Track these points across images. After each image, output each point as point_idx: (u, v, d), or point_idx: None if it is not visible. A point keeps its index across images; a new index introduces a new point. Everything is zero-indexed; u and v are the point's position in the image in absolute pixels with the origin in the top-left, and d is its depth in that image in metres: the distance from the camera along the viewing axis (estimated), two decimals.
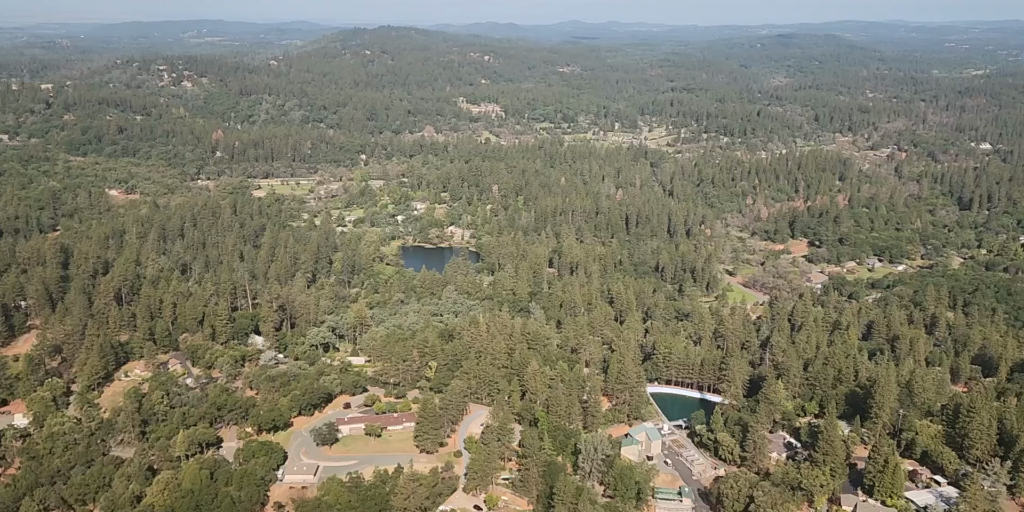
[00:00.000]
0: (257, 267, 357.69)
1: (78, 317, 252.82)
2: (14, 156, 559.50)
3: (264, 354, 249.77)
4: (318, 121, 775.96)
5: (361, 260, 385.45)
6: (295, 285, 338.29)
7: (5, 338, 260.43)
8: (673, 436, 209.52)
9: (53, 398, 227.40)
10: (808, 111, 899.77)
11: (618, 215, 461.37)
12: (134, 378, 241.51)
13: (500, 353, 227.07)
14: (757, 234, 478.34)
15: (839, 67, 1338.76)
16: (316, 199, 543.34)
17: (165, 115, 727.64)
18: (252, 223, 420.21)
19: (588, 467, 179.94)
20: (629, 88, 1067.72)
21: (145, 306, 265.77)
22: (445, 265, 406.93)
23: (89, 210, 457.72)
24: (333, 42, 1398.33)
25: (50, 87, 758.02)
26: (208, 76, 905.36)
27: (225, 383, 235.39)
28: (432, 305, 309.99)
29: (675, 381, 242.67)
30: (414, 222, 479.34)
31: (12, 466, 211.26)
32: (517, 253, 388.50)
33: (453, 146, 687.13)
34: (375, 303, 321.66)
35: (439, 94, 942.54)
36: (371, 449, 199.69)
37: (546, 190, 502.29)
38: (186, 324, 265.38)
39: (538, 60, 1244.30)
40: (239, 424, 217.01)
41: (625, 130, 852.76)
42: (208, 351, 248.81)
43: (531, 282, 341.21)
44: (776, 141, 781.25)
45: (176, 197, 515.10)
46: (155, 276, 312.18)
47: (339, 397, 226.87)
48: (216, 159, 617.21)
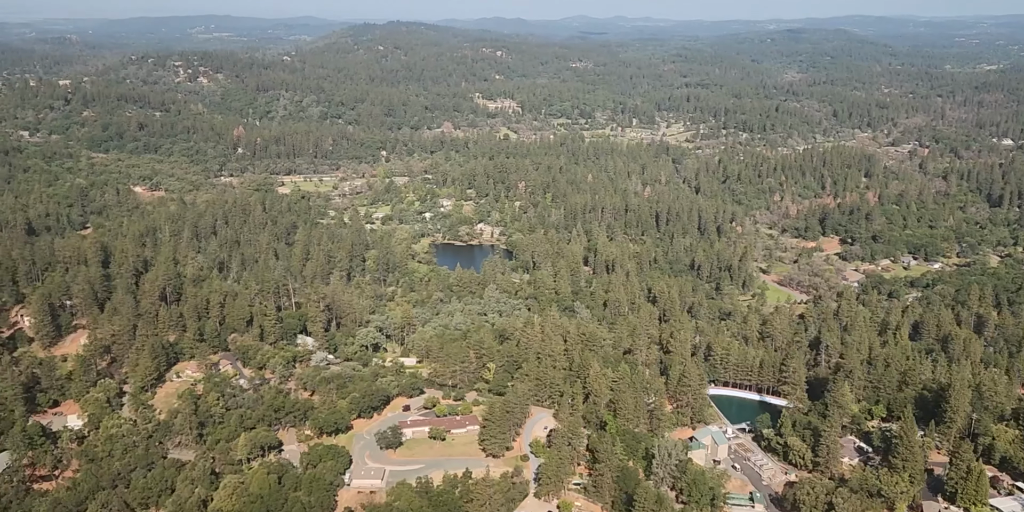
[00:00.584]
0: (292, 265, 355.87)
1: (127, 317, 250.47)
2: (37, 153, 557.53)
3: (315, 355, 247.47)
4: (336, 117, 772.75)
5: (395, 258, 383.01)
6: (333, 284, 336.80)
7: (52, 338, 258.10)
8: (738, 440, 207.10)
9: (107, 399, 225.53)
10: (826, 107, 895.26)
11: (647, 212, 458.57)
12: (186, 379, 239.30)
13: (559, 355, 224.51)
14: (788, 231, 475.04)
15: (851, 62, 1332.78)
16: (341, 196, 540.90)
17: (184, 111, 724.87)
18: (283, 220, 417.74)
19: (662, 472, 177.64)
20: (643, 84, 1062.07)
21: (192, 306, 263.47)
22: (480, 263, 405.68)
23: (117, 207, 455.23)
24: (343, 37, 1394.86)
25: (68, 83, 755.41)
26: (223, 72, 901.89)
27: (278, 384, 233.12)
28: (475, 304, 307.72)
29: (732, 383, 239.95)
30: (442, 219, 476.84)
31: (69, 468, 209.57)
32: (552, 251, 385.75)
33: (473, 142, 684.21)
34: (414, 302, 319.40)
35: (454, 90, 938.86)
36: (436, 453, 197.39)
37: (574, 187, 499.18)
38: (234, 324, 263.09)
39: (550, 56, 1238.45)
40: (297, 427, 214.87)
41: (643, 126, 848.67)
42: (259, 352, 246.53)
43: (570, 281, 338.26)
44: (796, 137, 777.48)
45: (202, 194, 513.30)
46: (195, 275, 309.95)
47: (396, 399, 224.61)
48: (238, 156, 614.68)
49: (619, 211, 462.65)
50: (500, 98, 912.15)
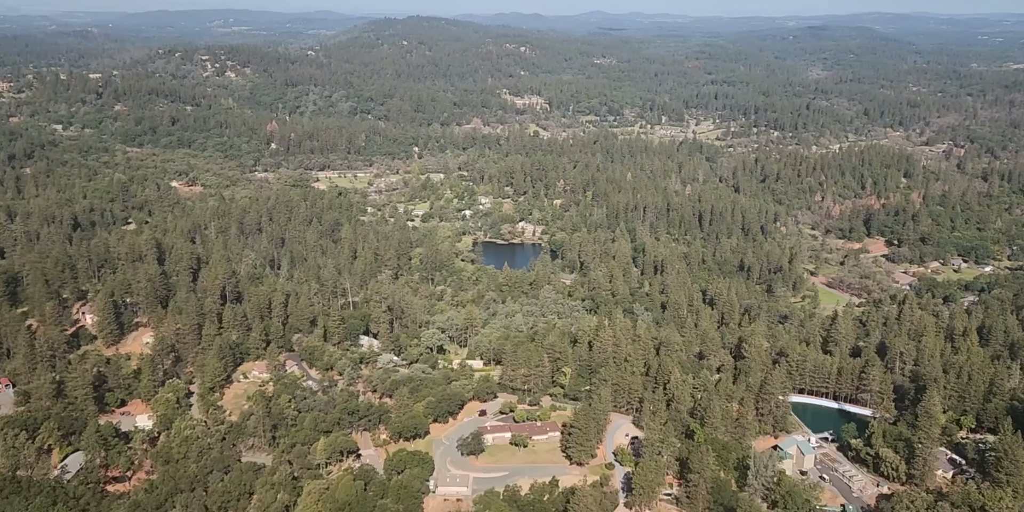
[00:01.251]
0: (340, 263, 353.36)
1: (191, 316, 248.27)
2: (73, 147, 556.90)
3: (381, 357, 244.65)
4: (365, 113, 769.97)
5: (441, 256, 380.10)
6: (383, 282, 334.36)
7: (116, 336, 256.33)
8: (822, 449, 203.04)
9: (176, 400, 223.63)
10: (856, 105, 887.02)
11: (690, 212, 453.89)
12: (253, 380, 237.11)
13: (637, 360, 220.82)
14: (831, 232, 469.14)
15: (876, 60, 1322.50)
16: (377, 192, 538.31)
17: (214, 106, 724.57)
18: (327, 217, 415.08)
19: (757, 484, 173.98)
20: (669, 81, 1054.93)
21: (255, 305, 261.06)
22: (523, 261, 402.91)
23: (158, 203, 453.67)
24: (366, 32, 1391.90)
25: (99, 77, 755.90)
26: (251, 66, 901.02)
27: (347, 387, 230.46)
28: (532, 305, 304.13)
29: (805, 389, 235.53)
30: (483, 217, 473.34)
31: (142, 469, 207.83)
32: (600, 251, 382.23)
33: (505, 139, 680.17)
34: (466, 302, 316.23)
35: (481, 86, 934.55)
36: (519, 460, 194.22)
37: (614, 186, 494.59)
38: (298, 324, 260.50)
39: (574, 52, 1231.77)
40: (371, 430, 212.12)
41: (672, 123, 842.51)
42: (325, 353, 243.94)
43: (623, 282, 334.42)
44: (828, 135, 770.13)
45: (239, 190, 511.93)
46: (249, 273, 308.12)
47: (469, 403, 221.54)
48: (271, 151, 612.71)
49: (661, 210, 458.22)
50: (527, 94, 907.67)
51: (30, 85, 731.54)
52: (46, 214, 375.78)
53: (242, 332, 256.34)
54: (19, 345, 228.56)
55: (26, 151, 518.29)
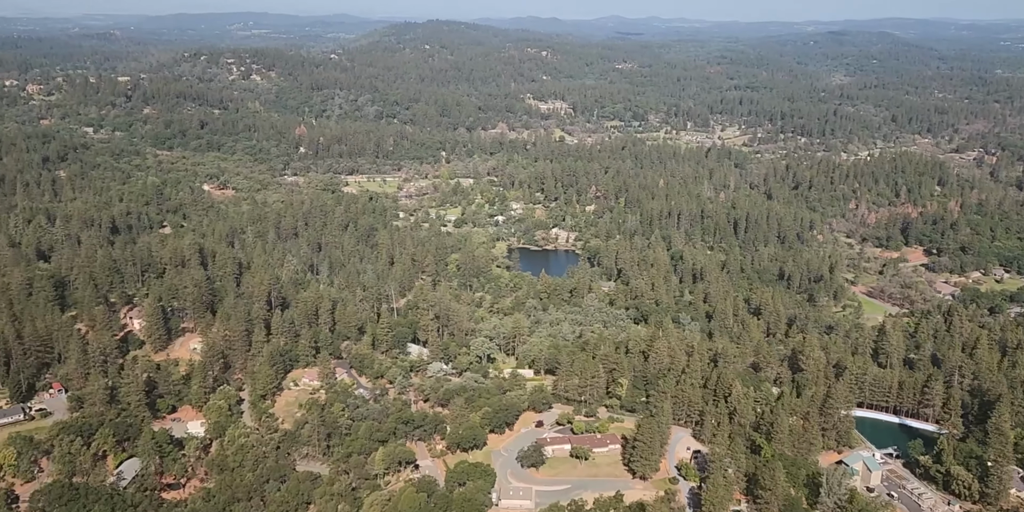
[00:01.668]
0: (378, 269, 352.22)
1: (240, 322, 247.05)
2: (105, 150, 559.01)
3: (431, 365, 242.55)
4: (391, 117, 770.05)
5: (479, 263, 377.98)
6: (425, 289, 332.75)
7: (164, 342, 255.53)
8: (888, 466, 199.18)
9: (228, 407, 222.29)
10: (882, 111, 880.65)
11: (725, 219, 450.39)
12: (304, 387, 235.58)
13: (695, 372, 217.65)
14: (868, 240, 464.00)
15: (899, 66, 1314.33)
16: (407, 197, 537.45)
17: (241, 109, 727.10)
18: (362, 222, 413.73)
19: (830, 501, 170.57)
20: (692, 86, 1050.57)
21: (303, 312, 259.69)
22: (557, 268, 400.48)
23: (193, 206, 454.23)
24: (387, 36, 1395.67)
25: (127, 80, 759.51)
26: (276, 70, 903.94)
27: (398, 396, 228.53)
28: (575, 313, 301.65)
29: (865, 403, 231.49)
30: (515, 223, 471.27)
31: (196, 477, 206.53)
32: (638, 258, 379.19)
33: (532, 144, 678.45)
34: (506, 309, 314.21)
35: (504, 90, 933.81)
36: (580, 473, 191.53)
37: (647, 192, 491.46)
38: (346, 331, 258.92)
39: (594, 56, 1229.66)
40: (426, 440, 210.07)
41: (697, 129, 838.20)
42: (375, 361, 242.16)
43: (665, 290, 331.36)
44: (856, 142, 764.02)
45: (270, 193, 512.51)
46: (292, 278, 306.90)
47: (524, 414, 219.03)
48: (300, 155, 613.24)
49: (695, 217, 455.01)
50: (551, 99, 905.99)
51: (60, 88, 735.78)
52: (85, 217, 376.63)
53: (290, 339, 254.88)
54: (71, 350, 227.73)
55: (59, 154, 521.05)
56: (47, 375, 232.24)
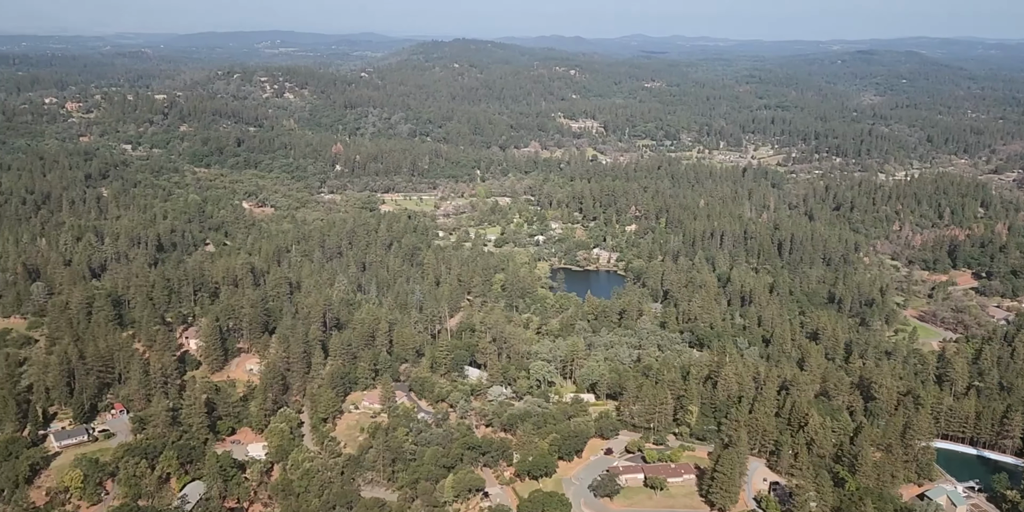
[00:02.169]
0: (424, 289, 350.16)
1: (298, 343, 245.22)
2: (145, 167, 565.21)
3: (492, 389, 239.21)
4: (424, 135, 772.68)
5: (524, 283, 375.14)
6: (475, 310, 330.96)
7: (220, 362, 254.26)
8: (971, 500, 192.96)
9: (290, 430, 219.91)
10: (917, 131, 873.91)
11: (769, 240, 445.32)
12: (365, 411, 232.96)
13: (770, 400, 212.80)
14: (914, 263, 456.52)
15: (929, 85, 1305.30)
16: (445, 216, 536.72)
17: (276, 127, 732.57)
18: (405, 241, 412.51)
19: None
20: (722, 105, 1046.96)
21: (360, 334, 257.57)
22: (599, 288, 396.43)
23: (234, 224, 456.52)
24: (415, 54, 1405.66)
25: (163, 98, 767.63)
26: (308, 88, 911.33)
27: (460, 420, 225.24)
28: (629, 336, 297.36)
29: (939, 434, 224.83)
30: (557, 243, 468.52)
31: (259, 501, 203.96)
32: (685, 280, 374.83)
33: (566, 163, 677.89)
34: (555, 331, 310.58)
35: (535, 109, 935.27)
36: (656, 503, 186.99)
37: (688, 212, 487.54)
38: (404, 353, 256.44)
39: (623, 75, 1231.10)
40: (492, 467, 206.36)
41: (730, 148, 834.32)
42: (435, 384, 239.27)
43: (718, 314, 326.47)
44: (892, 162, 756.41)
45: (309, 212, 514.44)
46: (343, 298, 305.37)
47: (591, 440, 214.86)
48: (336, 173, 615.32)
49: (738, 238, 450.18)
50: (582, 118, 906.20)
51: (98, 105, 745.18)
52: (132, 235, 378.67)
53: (347, 361, 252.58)
54: (133, 371, 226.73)
55: (101, 171, 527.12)
56: (108, 395, 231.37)
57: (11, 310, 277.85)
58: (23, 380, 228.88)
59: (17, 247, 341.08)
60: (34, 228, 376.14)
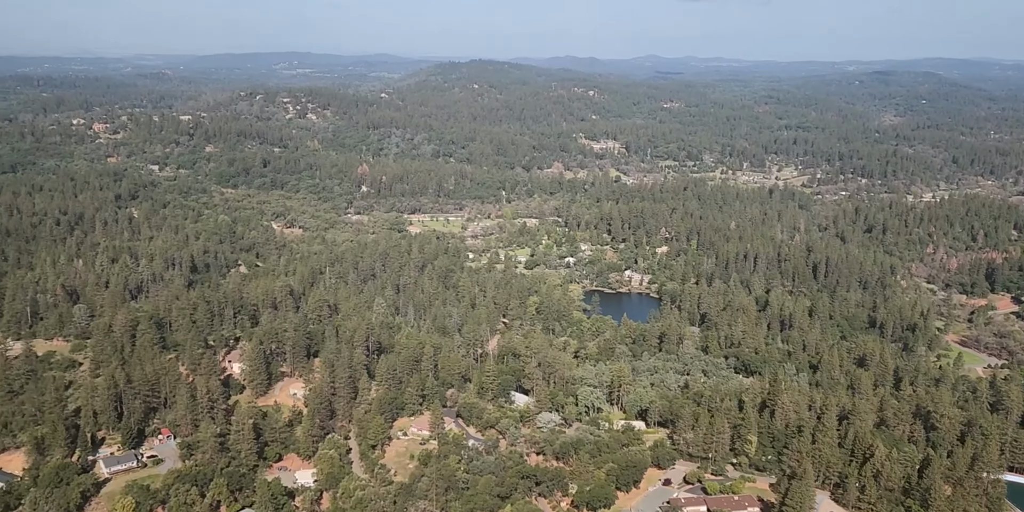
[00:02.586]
0: (460, 311, 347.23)
1: (344, 368, 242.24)
2: (174, 188, 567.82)
3: (541, 416, 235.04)
4: (448, 155, 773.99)
5: (560, 306, 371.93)
6: (510, 333, 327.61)
7: (265, 387, 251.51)
8: None
9: (339, 457, 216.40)
10: (941, 152, 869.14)
11: (803, 262, 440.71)
12: (413, 437, 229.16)
13: (831, 429, 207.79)
14: (951, 286, 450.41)
15: (949, 106, 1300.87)
16: (473, 237, 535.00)
17: (301, 148, 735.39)
18: (438, 263, 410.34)
19: None
20: (742, 125, 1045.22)
21: (406, 358, 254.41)
22: (631, 310, 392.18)
23: (265, 245, 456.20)
24: (433, 75, 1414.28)
25: (188, 119, 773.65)
26: (331, 108, 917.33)
27: (511, 447, 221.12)
28: (672, 361, 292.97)
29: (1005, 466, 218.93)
30: (588, 265, 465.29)
31: None
32: (721, 303, 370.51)
33: (591, 184, 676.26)
34: (594, 355, 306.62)
35: (556, 129, 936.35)
36: None
37: (720, 234, 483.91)
38: (450, 378, 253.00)
39: (641, 96, 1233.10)
40: (547, 497, 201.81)
41: (754, 169, 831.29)
42: (484, 410, 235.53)
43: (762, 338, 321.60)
44: (919, 184, 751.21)
45: (338, 233, 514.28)
46: (383, 322, 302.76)
47: (648, 470, 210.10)
48: (362, 193, 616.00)
49: (772, 260, 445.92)
50: (603, 138, 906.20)
51: (125, 126, 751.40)
52: (166, 256, 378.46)
53: (392, 386, 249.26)
54: (180, 395, 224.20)
55: (130, 191, 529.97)
56: (155, 420, 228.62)
57: (53, 332, 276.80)
58: (70, 404, 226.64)
59: (54, 268, 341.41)
60: (70, 249, 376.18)
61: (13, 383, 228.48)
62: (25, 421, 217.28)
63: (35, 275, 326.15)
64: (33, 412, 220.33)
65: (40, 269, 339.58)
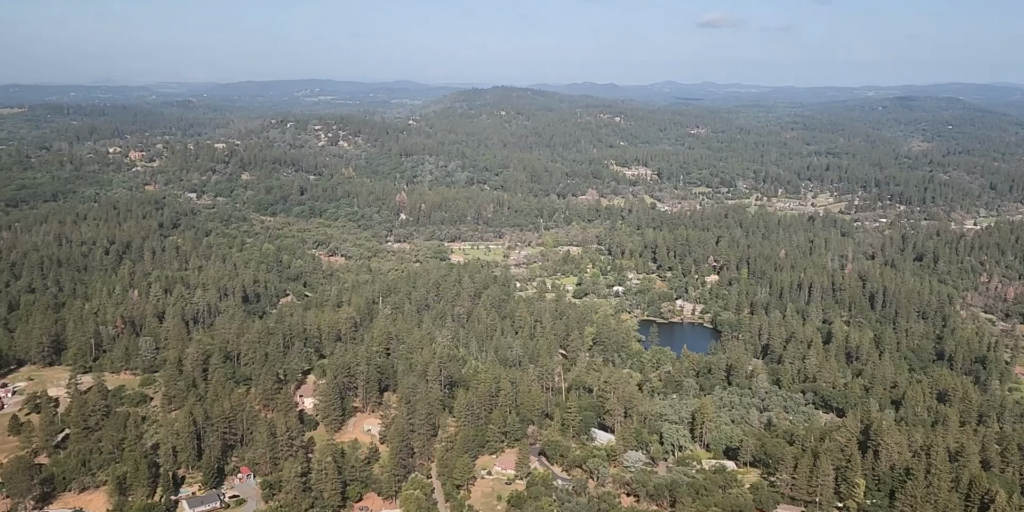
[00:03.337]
0: (519, 343, 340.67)
1: (424, 403, 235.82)
2: (214, 216, 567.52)
3: (628, 454, 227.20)
4: (482, 182, 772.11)
5: (618, 336, 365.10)
6: (572, 365, 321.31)
7: (339, 423, 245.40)
8: None
9: (426, 497, 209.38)
10: (977, 178, 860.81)
11: (859, 291, 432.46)
12: (498, 477, 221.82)
13: (944, 472, 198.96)
14: (1011, 316, 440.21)
15: (976, 131, 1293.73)
16: (516, 265, 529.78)
17: (336, 175, 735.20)
18: (491, 293, 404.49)
19: None
20: (772, 151, 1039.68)
21: (484, 393, 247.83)
22: (685, 341, 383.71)
23: (312, 274, 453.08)
24: (457, 102, 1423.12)
25: (223, 146, 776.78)
26: (361, 135, 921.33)
27: (600, 488, 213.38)
28: (747, 395, 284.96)
29: None
30: (637, 294, 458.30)
31: None
32: (785, 334, 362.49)
33: (628, 211, 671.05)
34: (659, 388, 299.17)
35: (586, 156, 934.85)
36: None
37: (770, 263, 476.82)
38: (530, 415, 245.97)
39: (667, 122, 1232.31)
40: None
41: (789, 196, 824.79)
42: (570, 449, 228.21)
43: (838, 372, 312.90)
44: (959, 210, 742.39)
45: (383, 262, 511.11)
46: (447, 354, 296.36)
47: None
48: (401, 221, 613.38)
49: (826, 290, 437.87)
50: (633, 165, 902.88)
51: (160, 154, 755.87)
52: (219, 286, 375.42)
53: (471, 422, 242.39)
54: (260, 433, 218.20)
55: (172, 220, 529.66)
56: (233, 458, 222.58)
57: (119, 365, 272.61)
58: (147, 441, 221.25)
59: (110, 298, 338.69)
60: (123, 279, 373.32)
61: (89, 419, 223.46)
62: (103, 459, 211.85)
63: (93, 306, 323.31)
64: (111, 449, 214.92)
65: (97, 300, 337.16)
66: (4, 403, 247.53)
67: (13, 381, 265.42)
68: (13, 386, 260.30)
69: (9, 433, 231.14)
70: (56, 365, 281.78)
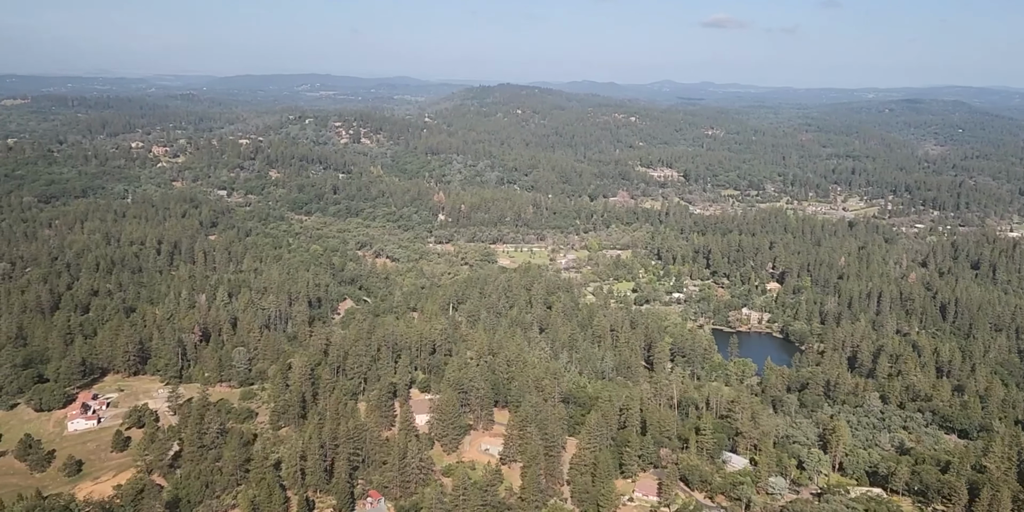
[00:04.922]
0: (609, 354, 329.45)
1: (552, 423, 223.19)
2: (251, 215, 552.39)
3: (772, 480, 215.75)
4: (511, 182, 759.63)
5: (697, 347, 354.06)
6: (673, 381, 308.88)
7: (455, 443, 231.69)
8: None
9: None
10: (1004, 183, 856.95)
11: (931, 302, 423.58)
12: (640, 503, 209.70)
13: None
14: None
15: (988, 135, 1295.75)
16: (565, 269, 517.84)
17: (365, 173, 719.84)
18: (560, 300, 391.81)
19: None
20: (792, 154, 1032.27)
21: (608, 412, 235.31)
22: (767, 353, 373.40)
23: (368, 278, 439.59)
24: (467, 99, 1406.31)
25: (247, 143, 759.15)
26: (383, 133, 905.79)
27: None
28: (861, 415, 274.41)
29: None
30: (699, 302, 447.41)
31: None
32: (874, 347, 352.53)
33: (665, 214, 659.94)
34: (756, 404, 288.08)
35: (610, 156, 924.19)
36: None
37: (833, 271, 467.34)
38: (661, 437, 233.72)
39: (681, 122, 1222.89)
40: None
41: (819, 200, 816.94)
42: (709, 473, 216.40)
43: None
44: (993, 216, 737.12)
45: (434, 265, 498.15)
46: (546, 367, 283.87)
47: None
48: (440, 222, 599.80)
49: (895, 299, 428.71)
50: (658, 166, 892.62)
51: (184, 150, 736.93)
52: (282, 291, 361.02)
53: (597, 443, 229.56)
54: (392, 455, 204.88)
55: (211, 219, 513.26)
56: (360, 480, 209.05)
57: (214, 378, 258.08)
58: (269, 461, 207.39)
59: (178, 305, 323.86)
60: (185, 283, 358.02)
61: (204, 437, 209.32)
62: (227, 480, 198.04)
63: (165, 311, 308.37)
64: (232, 470, 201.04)
65: (164, 305, 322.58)
66: (100, 416, 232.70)
67: (102, 392, 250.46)
68: (104, 397, 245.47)
69: (113, 449, 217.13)
70: (141, 374, 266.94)
